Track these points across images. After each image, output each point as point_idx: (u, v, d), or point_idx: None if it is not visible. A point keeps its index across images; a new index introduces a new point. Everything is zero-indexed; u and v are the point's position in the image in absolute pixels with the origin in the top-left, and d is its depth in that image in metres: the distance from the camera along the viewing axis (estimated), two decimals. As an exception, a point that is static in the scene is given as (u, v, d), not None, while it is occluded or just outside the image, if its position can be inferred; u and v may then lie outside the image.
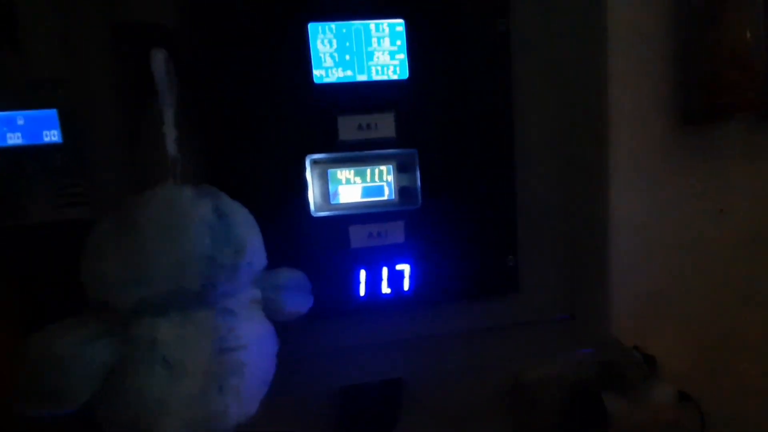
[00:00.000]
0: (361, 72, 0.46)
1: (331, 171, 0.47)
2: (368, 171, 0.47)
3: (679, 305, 0.66)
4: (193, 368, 0.31)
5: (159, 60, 0.37)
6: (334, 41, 0.45)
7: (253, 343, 0.36)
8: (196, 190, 0.36)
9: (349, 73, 0.46)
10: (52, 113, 0.53)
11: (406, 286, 0.50)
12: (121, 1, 0.44)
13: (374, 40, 0.46)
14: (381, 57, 0.46)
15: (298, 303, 0.42)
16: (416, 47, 0.46)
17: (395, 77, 0.46)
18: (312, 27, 0.45)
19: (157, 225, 0.32)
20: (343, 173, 0.47)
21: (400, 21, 0.46)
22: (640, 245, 0.63)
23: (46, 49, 0.50)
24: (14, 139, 0.54)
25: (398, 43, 0.46)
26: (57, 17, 0.50)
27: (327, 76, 0.45)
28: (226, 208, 0.36)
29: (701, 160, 0.63)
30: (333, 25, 0.45)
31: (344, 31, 0.45)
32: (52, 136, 0.54)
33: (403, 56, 0.46)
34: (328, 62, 0.45)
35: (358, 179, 0.47)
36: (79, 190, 0.55)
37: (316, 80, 0.45)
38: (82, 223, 0.54)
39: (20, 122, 0.54)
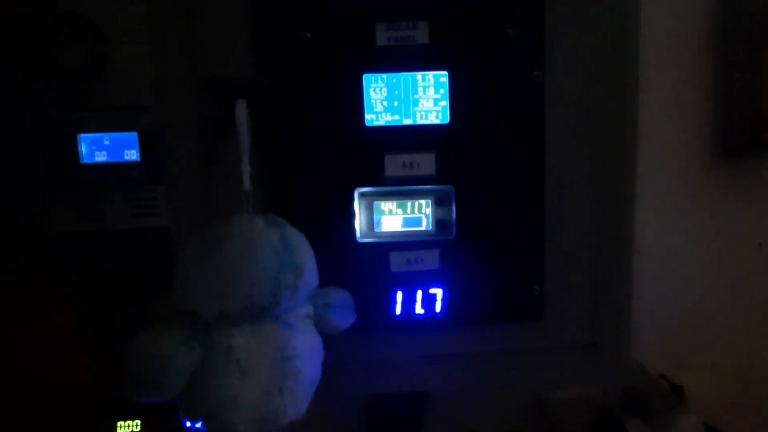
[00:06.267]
0: (407, 116, 0.52)
1: (376, 203, 0.53)
2: (409, 204, 0.53)
3: (712, 337, 0.66)
4: (260, 371, 0.38)
5: (241, 109, 0.44)
6: (385, 90, 0.51)
7: (306, 352, 0.42)
8: (265, 220, 0.42)
9: (396, 117, 0.52)
10: (133, 135, 0.61)
11: (438, 308, 0.55)
12: (206, 53, 0.52)
13: (420, 89, 0.52)
14: (425, 104, 0.52)
15: (343, 319, 0.48)
16: (457, 96, 0.52)
17: (437, 122, 0.52)
18: (366, 77, 0.51)
19: (236, 252, 0.39)
20: (387, 205, 0.53)
21: (444, 72, 0.51)
22: (673, 275, 0.64)
23: (132, 80, 0.58)
24: (100, 157, 0.62)
25: (441, 91, 0.52)
26: (144, 53, 0.58)
27: (377, 119, 0.52)
28: (288, 236, 0.43)
29: (740, 192, 0.64)
30: (384, 75, 0.51)
31: (394, 81, 0.51)
32: (132, 155, 0.62)
33: (445, 103, 0.52)
34: (379, 108, 0.52)
35: (399, 211, 0.53)
36: (152, 203, 0.63)
37: (367, 123, 0.51)
38: (152, 231, 0.62)
39: (106, 142, 0.63)
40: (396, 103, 0.52)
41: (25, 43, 0.58)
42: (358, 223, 0.53)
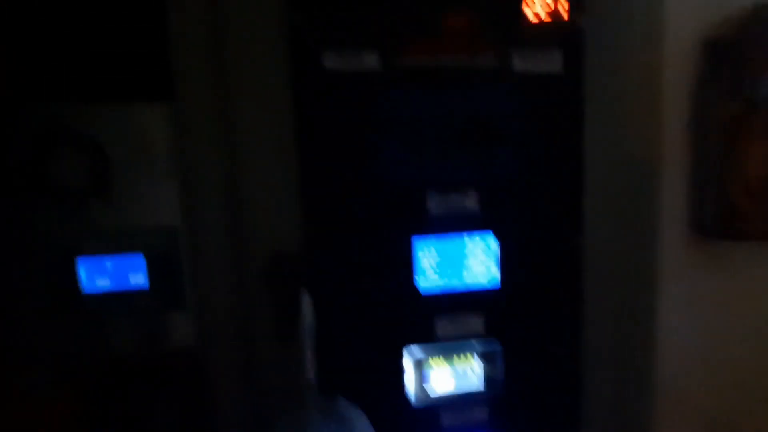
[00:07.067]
0: (457, 279, 0.53)
1: (426, 363, 0.53)
2: (458, 362, 0.54)
3: (687, 396, 0.65)
4: None
5: (307, 302, 0.44)
6: (435, 254, 0.53)
7: None
8: (335, 420, 0.42)
9: (446, 281, 0.53)
10: (139, 257, 0.56)
11: (488, 460, 0.56)
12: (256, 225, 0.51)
13: (469, 252, 0.53)
14: (475, 267, 0.53)
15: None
16: (504, 258, 0.54)
17: (485, 284, 0.54)
18: (417, 242, 0.52)
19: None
20: (438, 364, 0.54)
21: (492, 236, 0.53)
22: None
23: (138, 199, 0.54)
24: (102, 282, 0.55)
25: (489, 255, 0.53)
26: (154, 171, 0.55)
27: (428, 284, 0.53)
28: (352, 427, 0.43)
29: (714, 269, 0.65)
30: (435, 240, 0.52)
31: (444, 245, 0.53)
32: (139, 279, 0.57)
33: (493, 266, 0.53)
34: (430, 272, 0.53)
35: (450, 370, 0.54)
36: (162, 330, 0.59)
37: (419, 288, 0.53)
38: (164, 355, 0.59)
39: (108, 265, 0.55)
40: (446, 267, 0.53)
41: (19, 161, 0.54)
42: (411, 385, 0.53)
